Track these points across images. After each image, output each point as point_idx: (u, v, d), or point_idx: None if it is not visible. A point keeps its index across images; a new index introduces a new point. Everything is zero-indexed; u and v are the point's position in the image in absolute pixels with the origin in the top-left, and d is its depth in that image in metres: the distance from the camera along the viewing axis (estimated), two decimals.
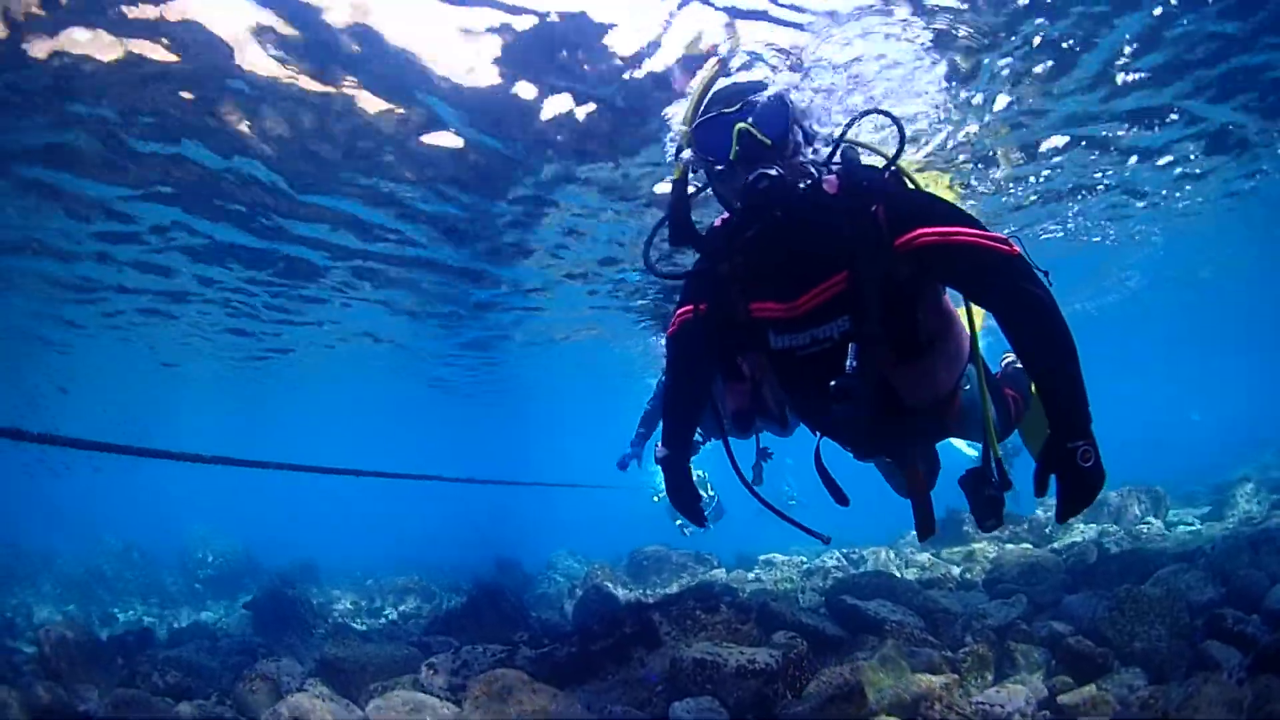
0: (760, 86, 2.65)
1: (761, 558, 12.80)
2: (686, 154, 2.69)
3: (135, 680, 6.43)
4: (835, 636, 6.10)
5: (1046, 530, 10.03)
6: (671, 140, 2.92)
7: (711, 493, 12.97)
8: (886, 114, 2.85)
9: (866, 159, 2.83)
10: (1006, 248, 2.53)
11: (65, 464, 25.35)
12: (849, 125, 2.76)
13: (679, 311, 3.05)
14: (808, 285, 2.68)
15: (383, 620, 11.69)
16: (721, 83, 2.75)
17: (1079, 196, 9.90)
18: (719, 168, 2.63)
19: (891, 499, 3.55)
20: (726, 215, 2.85)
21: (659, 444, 3.33)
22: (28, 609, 12.95)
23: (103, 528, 20.10)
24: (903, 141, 2.71)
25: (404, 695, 5.36)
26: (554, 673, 5.49)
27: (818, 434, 3.27)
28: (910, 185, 2.88)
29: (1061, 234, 11.41)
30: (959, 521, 10.46)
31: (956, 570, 9.24)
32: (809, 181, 2.60)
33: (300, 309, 12.19)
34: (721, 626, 6.07)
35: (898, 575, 8.91)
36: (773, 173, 2.46)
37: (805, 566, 11.84)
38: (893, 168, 2.77)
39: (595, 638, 5.78)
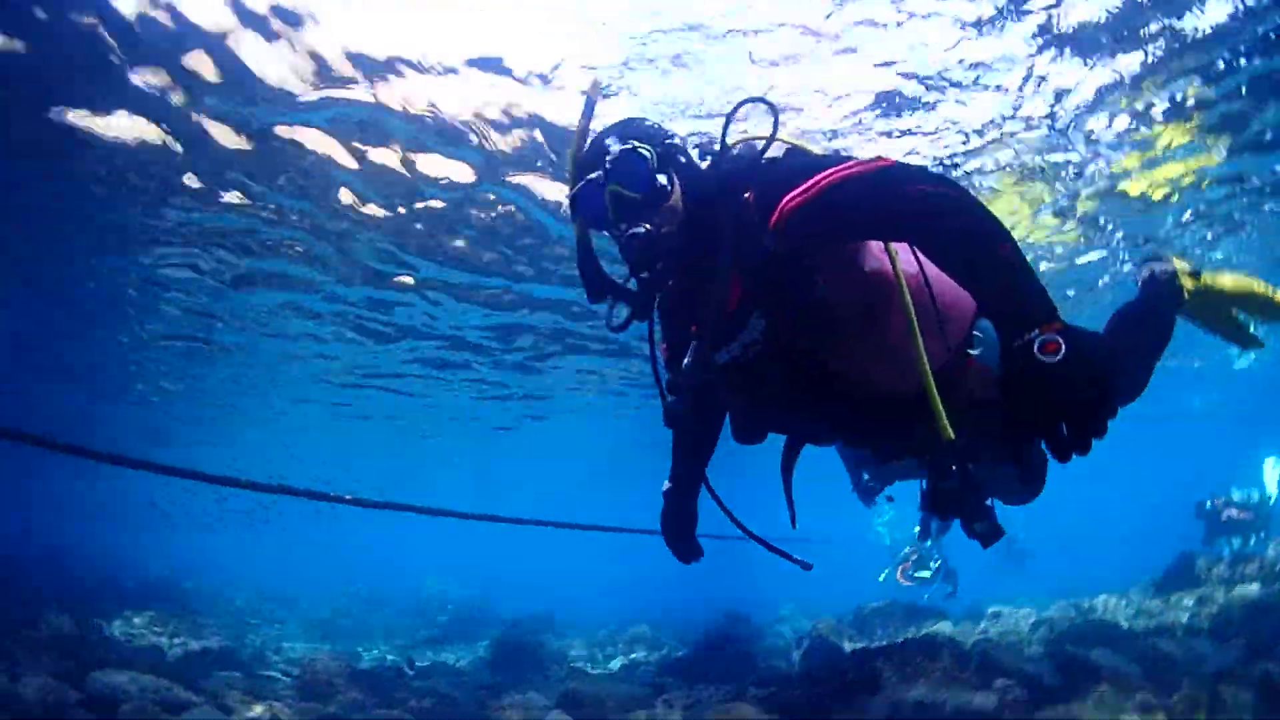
0: (615, 130, 2.58)
1: (990, 610, 12.83)
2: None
3: (393, 704, 7.13)
4: (1053, 684, 6.24)
5: (1277, 568, 9.63)
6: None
7: (935, 563, 13.13)
8: (760, 100, 2.59)
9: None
10: (873, 164, 2.20)
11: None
12: (726, 124, 2.56)
13: (660, 357, 2.97)
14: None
15: (613, 666, 12.26)
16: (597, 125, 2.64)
17: None
18: (605, 232, 2.57)
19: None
20: None
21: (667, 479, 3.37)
22: (276, 643, 13.65)
23: (343, 575, 22.51)
24: (776, 122, 2.53)
25: None
26: (782, 710, 6.00)
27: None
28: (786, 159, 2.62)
29: None
30: (1190, 565, 10.26)
31: (1185, 617, 9.09)
32: (688, 214, 2.50)
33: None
34: (941, 673, 6.31)
35: (1123, 624, 8.91)
36: (640, 230, 2.39)
37: (1033, 619, 11.76)
38: (770, 149, 2.57)
39: (820, 681, 6.34)
